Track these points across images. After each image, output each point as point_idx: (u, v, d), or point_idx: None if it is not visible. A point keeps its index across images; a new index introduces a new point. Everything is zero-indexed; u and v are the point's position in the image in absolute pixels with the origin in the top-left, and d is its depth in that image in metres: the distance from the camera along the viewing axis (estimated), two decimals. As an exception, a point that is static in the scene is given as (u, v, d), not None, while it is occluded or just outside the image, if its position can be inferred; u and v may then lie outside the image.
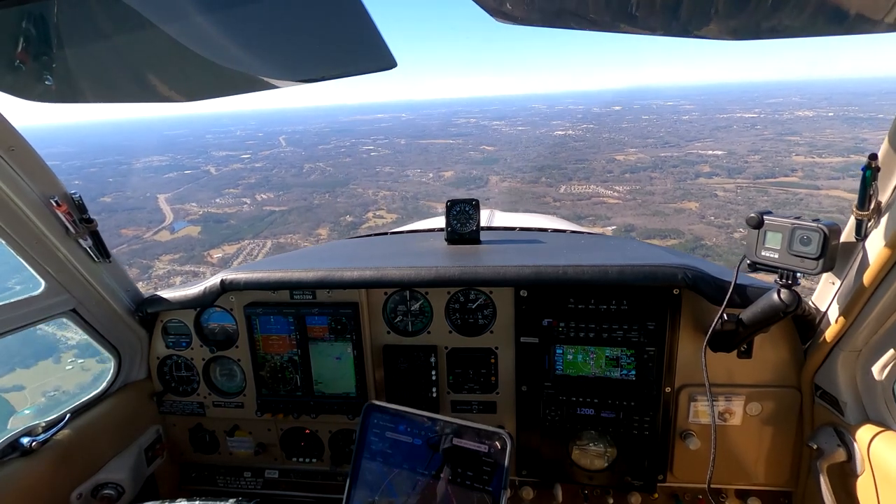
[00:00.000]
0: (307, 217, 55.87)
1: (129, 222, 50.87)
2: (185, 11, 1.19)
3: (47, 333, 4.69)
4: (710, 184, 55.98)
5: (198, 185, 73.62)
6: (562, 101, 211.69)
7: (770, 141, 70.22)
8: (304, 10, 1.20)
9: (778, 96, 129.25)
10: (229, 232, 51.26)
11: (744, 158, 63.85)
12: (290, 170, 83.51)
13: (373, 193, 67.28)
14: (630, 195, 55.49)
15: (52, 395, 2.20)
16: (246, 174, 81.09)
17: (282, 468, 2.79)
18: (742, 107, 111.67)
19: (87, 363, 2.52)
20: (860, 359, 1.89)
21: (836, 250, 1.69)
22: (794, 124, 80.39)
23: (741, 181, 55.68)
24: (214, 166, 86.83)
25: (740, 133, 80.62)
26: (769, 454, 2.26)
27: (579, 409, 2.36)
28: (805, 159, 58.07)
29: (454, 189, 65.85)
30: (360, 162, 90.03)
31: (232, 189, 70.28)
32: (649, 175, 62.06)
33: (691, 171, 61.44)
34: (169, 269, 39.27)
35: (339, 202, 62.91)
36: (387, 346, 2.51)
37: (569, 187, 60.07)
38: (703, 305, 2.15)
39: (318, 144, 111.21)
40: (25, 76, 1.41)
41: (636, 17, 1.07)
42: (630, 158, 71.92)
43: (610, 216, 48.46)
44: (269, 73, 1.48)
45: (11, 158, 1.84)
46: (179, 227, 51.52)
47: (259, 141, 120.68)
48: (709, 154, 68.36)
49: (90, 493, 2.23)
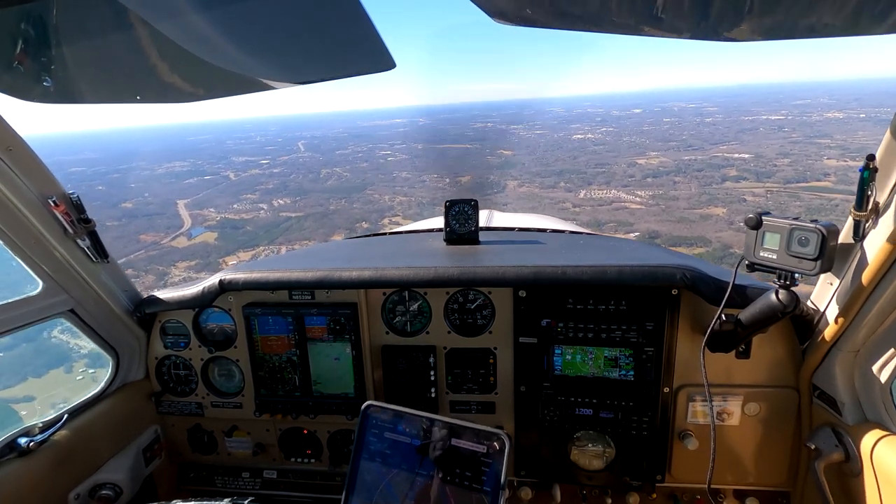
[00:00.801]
0: (323, 223, 55.36)
1: (148, 228, 50.45)
2: (182, 13, 1.20)
3: (61, 342, 4.67)
4: (738, 188, 54.33)
5: (217, 190, 73.47)
6: (580, 105, 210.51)
7: (799, 144, 68.39)
8: (302, 11, 1.20)
9: (805, 97, 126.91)
10: (245, 238, 50.97)
11: (772, 162, 61.85)
12: (307, 175, 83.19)
13: (389, 199, 66.58)
14: (653, 200, 53.82)
15: (61, 407, 2.22)
16: (264, 179, 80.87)
17: (280, 468, 2.79)
18: (767, 108, 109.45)
19: (98, 374, 2.55)
20: (858, 359, 1.89)
21: (835, 251, 1.69)
22: (823, 126, 78.61)
23: (771, 185, 53.90)
24: (234, 171, 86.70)
25: (767, 136, 78.87)
26: (767, 454, 2.26)
27: (578, 410, 2.36)
28: (837, 163, 55.94)
29: (471, 194, 64.37)
30: (377, 167, 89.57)
31: (250, 195, 70.06)
32: (672, 179, 60.25)
33: (717, 174, 59.72)
34: (185, 276, 38.79)
35: (354, 208, 62.37)
36: (385, 346, 2.51)
37: (588, 192, 58.67)
38: (702, 306, 2.15)
39: (336, 149, 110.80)
40: (24, 77, 1.41)
41: (662, 20, 1.05)
42: (652, 162, 70.27)
43: (632, 222, 46.93)
44: (268, 74, 1.48)
45: (9, 158, 1.84)
46: (197, 234, 51.32)
47: (278, 146, 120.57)
48: (735, 157, 66.30)
49: (88, 494, 2.23)
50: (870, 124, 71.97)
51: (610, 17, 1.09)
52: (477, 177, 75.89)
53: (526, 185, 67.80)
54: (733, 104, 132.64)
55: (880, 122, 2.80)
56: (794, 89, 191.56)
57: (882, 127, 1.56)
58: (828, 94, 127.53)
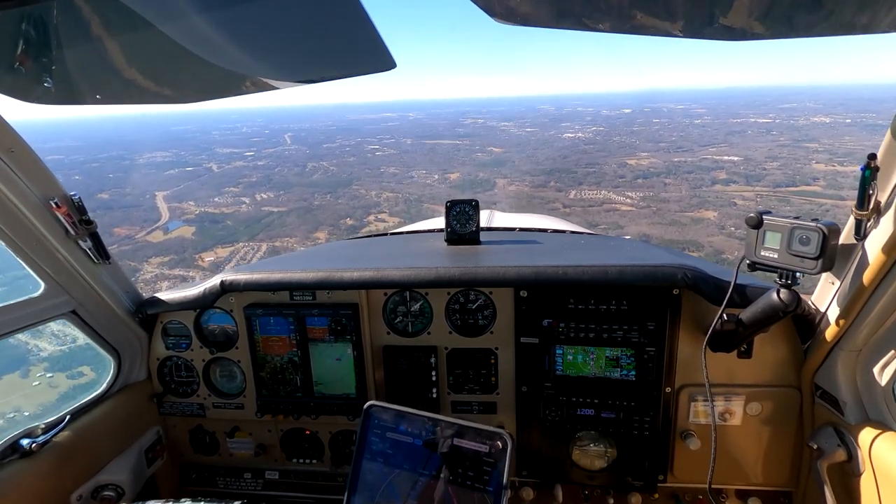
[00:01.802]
0: (306, 219, 54.62)
1: (123, 221, 49.46)
2: (183, 13, 1.20)
3: (19, 343, 4.44)
4: (728, 191, 54.16)
5: (198, 182, 72.60)
6: (570, 104, 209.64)
7: (787, 147, 68.23)
8: (302, 11, 1.20)
9: (792, 101, 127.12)
10: (224, 234, 49.94)
11: (762, 165, 61.85)
12: (293, 168, 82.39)
13: (375, 195, 66.02)
14: (644, 202, 53.57)
15: (11, 417, 2.15)
16: (248, 172, 79.92)
17: (282, 469, 2.79)
18: (756, 111, 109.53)
19: (55, 378, 2.47)
20: (860, 358, 1.89)
21: (836, 250, 1.69)
22: (811, 130, 78.60)
23: (760, 189, 53.72)
24: (217, 164, 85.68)
25: (756, 139, 78.82)
26: (769, 454, 2.26)
27: (579, 410, 2.36)
28: (826, 167, 56.06)
29: (460, 192, 64.63)
30: (364, 161, 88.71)
31: (232, 188, 69.25)
32: (663, 181, 60.12)
33: (707, 177, 59.62)
34: (157, 273, 38.31)
35: (339, 203, 61.68)
36: (387, 346, 2.51)
37: (579, 192, 58.24)
38: (703, 305, 2.15)
39: (324, 143, 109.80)
40: (24, 78, 1.41)
41: (660, 19, 1.05)
42: (642, 163, 70.00)
43: (623, 224, 46.66)
44: (269, 73, 1.48)
45: (11, 160, 1.84)
46: (174, 227, 50.27)
47: (265, 138, 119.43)
48: (724, 160, 66.18)
49: (90, 495, 2.23)
50: (856, 129, 71.63)
51: (609, 16, 1.09)
52: (466, 174, 75.33)
53: (516, 184, 67.41)
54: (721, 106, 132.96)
55: (866, 127, 2.81)
56: (781, 93, 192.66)
57: (868, 132, 1.57)
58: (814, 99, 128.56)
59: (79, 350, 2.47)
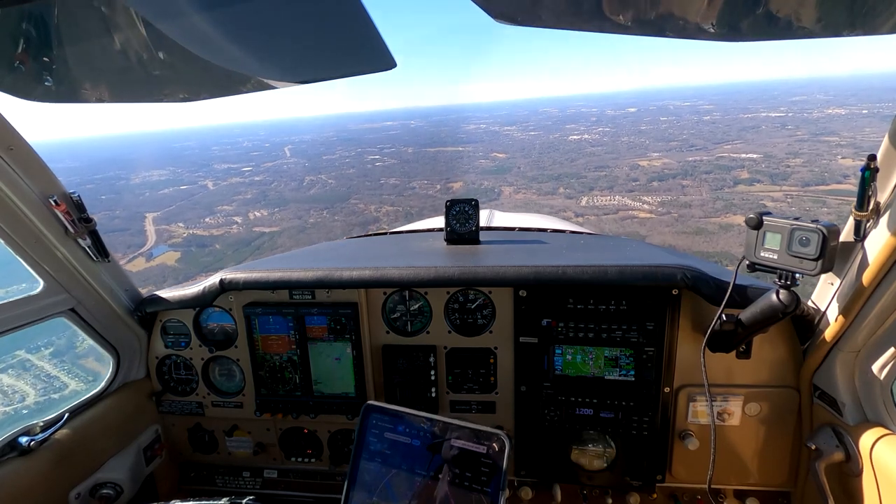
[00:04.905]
0: (298, 240, 52.74)
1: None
2: (183, 11, 1.20)
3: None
4: (753, 192, 51.26)
5: (191, 202, 71.62)
6: (573, 104, 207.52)
7: (807, 142, 65.91)
8: (303, 11, 1.20)
9: (800, 94, 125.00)
10: (210, 259, 48.05)
11: (784, 162, 58.97)
12: (289, 183, 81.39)
13: (374, 209, 64.82)
14: (663, 208, 50.61)
15: None
16: (243, 189, 78.82)
17: (281, 468, 2.79)
18: (765, 105, 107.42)
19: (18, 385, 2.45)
20: (859, 359, 1.89)
21: (836, 251, 1.69)
22: (827, 123, 76.32)
23: (788, 188, 51.00)
24: (213, 181, 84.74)
25: (771, 134, 76.71)
26: (768, 454, 2.26)
27: (578, 410, 2.36)
28: (854, 162, 50.57)
29: None
30: (364, 173, 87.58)
31: (226, 206, 68.24)
32: (680, 183, 57.50)
33: (728, 177, 57.00)
34: None
35: (336, 221, 60.47)
36: (386, 346, 2.51)
37: (591, 198, 56.27)
38: (703, 306, 2.15)
39: (323, 155, 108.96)
40: (25, 76, 1.41)
41: (660, 19, 1.05)
42: (655, 164, 67.87)
43: (644, 234, 42.63)
44: (268, 73, 1.48)
45: (10, 158, 1.85)
46: (158, 253, 49.07)
47: (264, 152, 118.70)
48: (743, 157, 63.40)
49: (88, 493, 2.23)
50: (875, 120, 69.68)
51: (610, 16, 1.09)
52: (470, 182, 73.62)
53: (522, 192, 65.87)
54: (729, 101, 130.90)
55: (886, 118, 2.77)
56: (788, 86, 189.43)
57: (888, 123, 1.56)
58: (823, 91, 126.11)
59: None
